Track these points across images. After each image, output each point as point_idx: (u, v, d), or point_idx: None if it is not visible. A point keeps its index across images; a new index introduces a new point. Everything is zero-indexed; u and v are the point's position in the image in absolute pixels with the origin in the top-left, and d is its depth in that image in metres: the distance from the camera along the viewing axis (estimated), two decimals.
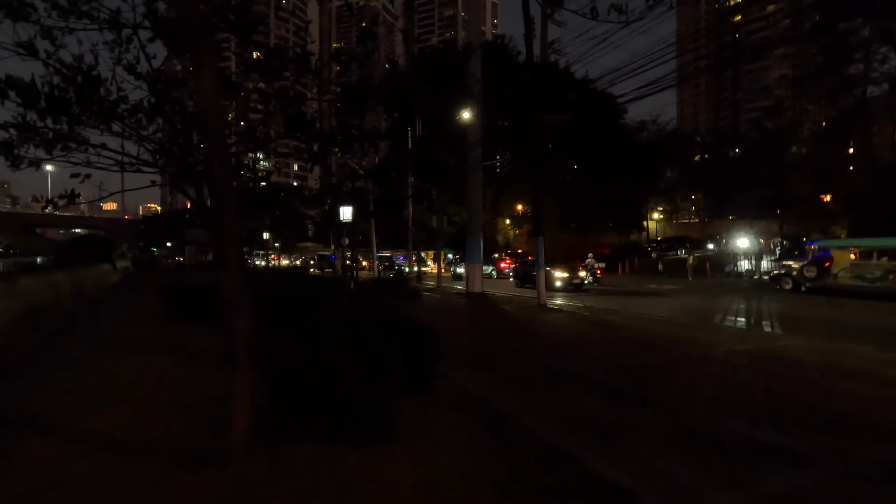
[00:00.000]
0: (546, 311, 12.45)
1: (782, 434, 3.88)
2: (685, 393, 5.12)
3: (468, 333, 9.22)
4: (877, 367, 6.16)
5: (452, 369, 6.11)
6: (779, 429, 4.01)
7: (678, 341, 8.07)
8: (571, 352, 7.41)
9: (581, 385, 5.48)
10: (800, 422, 4.22)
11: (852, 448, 3.66)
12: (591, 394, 5.13)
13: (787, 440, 3.76)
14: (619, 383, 5.47)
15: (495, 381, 5.67)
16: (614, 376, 5.78)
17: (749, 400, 4.86)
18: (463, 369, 6.22)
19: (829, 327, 9.84)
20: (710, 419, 4.27)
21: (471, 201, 18.63)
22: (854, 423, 4.22)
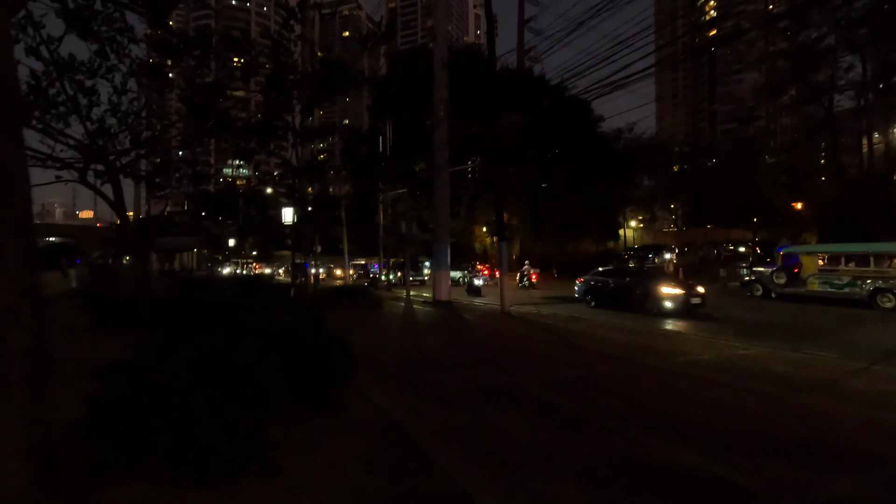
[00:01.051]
0: (506, 318, 11.87)
1: (729, 464, 3.31)
2: (627, 412, 4.53)
3: (412, 344, 8.55)
4: (838, 377, 5.69)
5: (378, 385, 5.47)
6: (726, 457, 3.44)
7: (635, 351, 7.53)
8: (516, 364, 6.80)
9: (514, 403, 4.86)
10: (751, 447, 3.66)
11: (806, 480, 3.10)
12: (521, 413, 4.51)
13: (734, 472, 3.18)
14: (558, 400, 4.87)
15: (419, 399, 5.01)
16: (554, 392, 5.18)
17: (697, 420, 4.29)
18: (389, 385, 5.57)
19: (795, 335, 9.46)
20: (648, 445, 3.68)
21: (438, 205, 18.03)
22: (811, 446, 3.68)
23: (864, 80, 22.82)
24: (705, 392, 5.20)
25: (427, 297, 19.02)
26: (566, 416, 4.40)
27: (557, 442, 3.77)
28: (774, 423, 4.18)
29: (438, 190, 17.85)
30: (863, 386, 5.39)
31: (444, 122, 17.65)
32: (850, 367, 6.27)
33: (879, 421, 4.25)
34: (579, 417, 4.36)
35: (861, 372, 6.01)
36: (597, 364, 6.73)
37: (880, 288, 12.89)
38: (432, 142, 17.99)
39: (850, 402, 4.75)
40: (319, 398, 4.48)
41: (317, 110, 11.35)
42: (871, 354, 7.24)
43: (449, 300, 16.90)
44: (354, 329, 10.37)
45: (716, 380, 5.69)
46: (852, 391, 5.16)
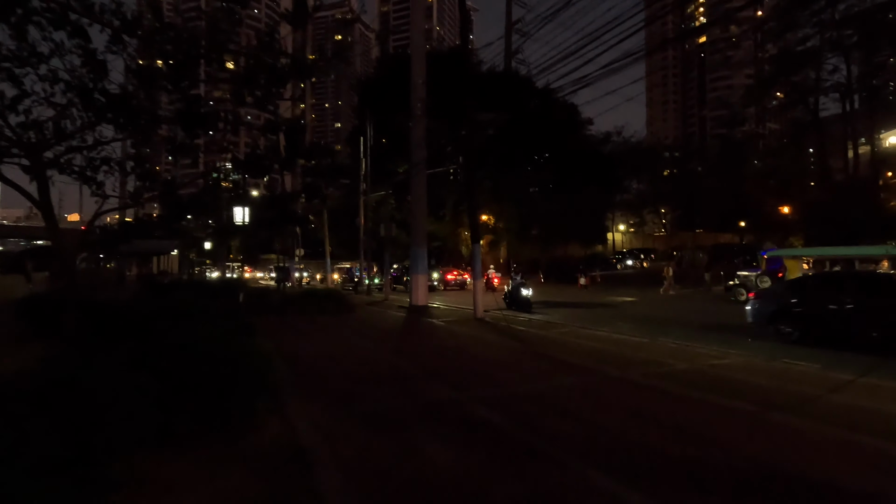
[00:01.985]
0: (477, 325, 11.30)
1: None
2: (576, 437, 3.97)
3: (366, 354, 7.94)
4: (818, 392, 5.15)
5: (307, 402, 4.89)
6: (686, 498, 2.88)
7: (605, 361, 6.98)
8: (471, 376, 6.21)
9: (452, 424, 4.28)
10: (712, 485, 3.10)
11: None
12: (455, 438, 3.93)
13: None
14: (502, 421, 4.29)
15: (346, 419, 4.42)
16: (502, 410, 4.61)
17: (654, 447, 3.72)
18: (320, 402, 4.98)
19: (773, 341, 8.96)
20: (589, 484, 3.10)
21: (415, 207, 17.45)
22: (783, 479, 3.12)
23: (848, 82, 22.63)
24: (670, 410, 4.65)
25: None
26: (504, 442, 3.82)
27: (483, 476, 3.18)
28: (742, 451, 3.63)
29: (415, 191, 17.29)
30: (846, 402, 4.86)
31: (420, 121, 17.12)
32: (833, 380, 5.74)
33: (860, 446, 3.71)
34: (519, 443, 3.78)
35: (846, 386, 5.49)
36: (557, 376, 6.16)
37: None
38: (409, 141, 17.45)
39: (830, 422, 4.21)
40: (221, 420, 3.87)
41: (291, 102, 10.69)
42: (855, 365, 6.75)
43: (426, 305, 16.31)
44: (312, 337, 9.79)
45: (684, 395, 5.14)
46: (834, 409, 4.62)
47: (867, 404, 4.75)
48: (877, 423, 4.19)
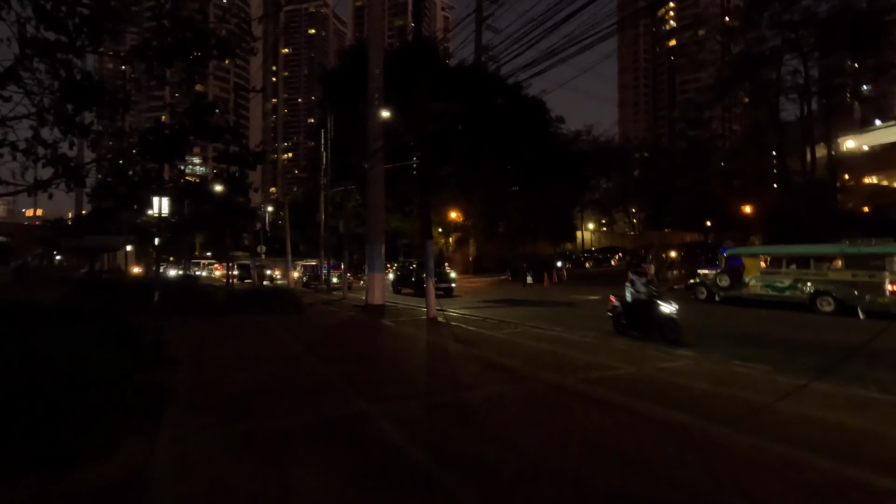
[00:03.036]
0: (428, 325, 10.69)
1: None
2: (490, 460, 3.39)
3: (288, 360, 7.22)
4: (765, 400, 4.73)
5: (191, 418, 4.20)
6: None
7: (548, 365, 6.47)
8: (392, 385, 5.59)
9: (346, 445, 3.65)
10: None
11: None
12: (339, 463, 3.29)
13: None
14: (402, 440, 3.68)
15: (223, 441, 3.73)
16: (414, 426, 4.02)
17: (576, 475, 3.18)
18: (204, 418, 4.28)
19: (729, 342, 8.68)
20: None
21: (371, 203, 16.73)
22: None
23: (806, 84, 22.97)
24: (603, 426, 4.13)
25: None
26: (397, 469, 3.21)
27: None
28: (673, 479, 3.11)
29: (373, 185, 16.56)
30: (792, 411, 4.44)
31: (378, 112, 16.37)
32: (782, 385, 5.36)
33: (800, 466, 3.24)
34: (414, 471, 3.18)
35: (795, 392, 5.10)
36: (492, 384, 5.59)
37: (820, 291, 12.43)
38: (362, 134, 16.71)
39: (773, 436, 3.76)
40: (55, 445, 3.15)
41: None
42: (806, 367, 6.44)
43: (382, 304, 15.64)
44: (241, 339, 8.94)
45: (623, 406, 4.64)
46: (778, 420, 4.19)
47: (814, 413, 4.34)
48: (820, 437, 3.76)
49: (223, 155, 7.09)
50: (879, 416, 4.32)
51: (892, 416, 4.32)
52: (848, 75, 23.25)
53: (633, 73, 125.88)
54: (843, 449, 3.51)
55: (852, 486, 2.98)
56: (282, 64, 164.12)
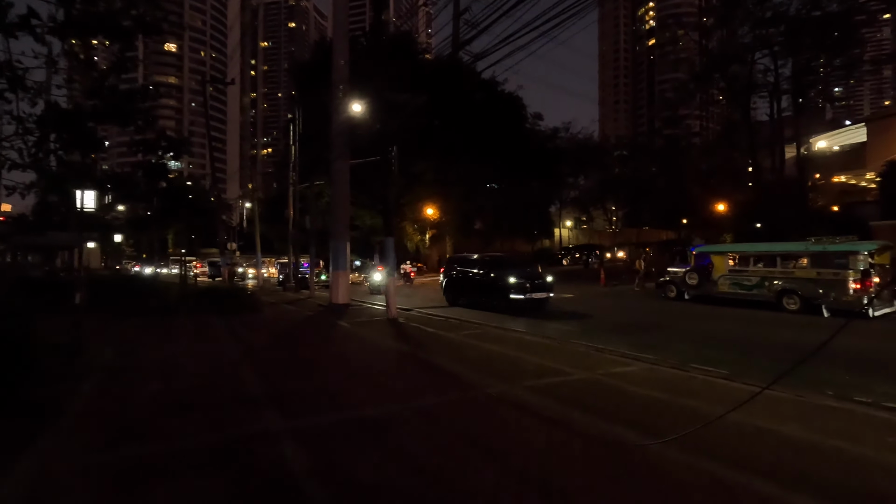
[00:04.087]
0: (385, 327, 10.21)
1: None
2: (388, 490, 2.95)
3: (216, 366, 6.68)
4: (717, 410, 4.37)
5: (69, 439, 3.65)
6: None
7: (495, 370, 6.06)
8: (322, 395, 5.10)
9: (236, 472, 3.16)
10: None
11: None
12: (213, 497, 2.82)
13: None
14: (306, 464, 3.22)
15: (92, 469, 3.22)
16: (320, 447, 3.56)
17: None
18: (87, 438, 3.75)
19: (691, 343, 8.43)
20: None
21: (336, 199, 16.14)
22: None
23: (776, 82, 23.08)
24: (532, 441, 3.72)
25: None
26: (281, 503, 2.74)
27: None
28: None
29: (336, 179, 15.97)
30: (743, 423, 4.10)
31: (343, 105, 15.78)
32: (737, 392, 5.04)
33: (745, 494, 2.87)
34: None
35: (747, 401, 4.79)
36: (426, 393, 5.15)
37: (786, 289, 12.33)
38: (330, 127, 16.10)
39: (714, 454, 3.40)
40: None
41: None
42: (763, 370, 6.18)
43: (347, 304, 15.12)
44: (176, 343, 8.28)
45: (559, 417, 4.25)
46: (724, 434, 3.84)
47: (764, 425, 4.01)
48: (767, 455, 3.41)
49: (138, 143, 6.51)
50: (833, 427, 4.01)
51: (845, 427, 4.01)
52: (816, 74, 23.47)
53: (614, 71, 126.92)
54: (788, 469, 3.16)
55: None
56: (261, 58, 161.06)
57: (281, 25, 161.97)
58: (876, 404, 4.79)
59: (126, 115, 5.53)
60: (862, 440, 3.71)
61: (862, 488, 2.92)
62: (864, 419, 4.24)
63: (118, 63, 6.76)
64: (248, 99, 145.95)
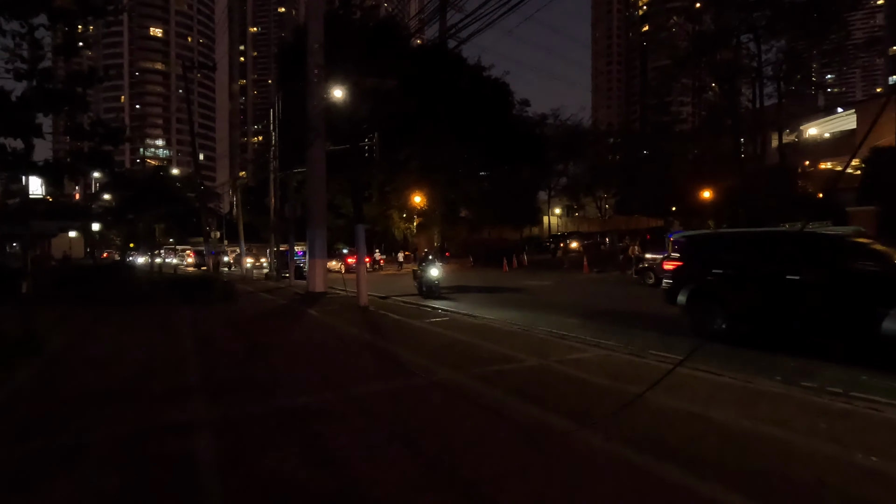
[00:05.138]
0: (354, 315, 10.11)
1: None
2: (292, 484, 2.84)
3: (171, 357, 6.54)
4: (660, 396, 4.31)
5: None
6: None
7: (449, 357, 5.98)
8: (266, 384, 5.00)
9: (133, 463, 3.05)
10: None
11: None
12: (104, 490, 2.70)
13: None
14: (208, 458, 3.11)
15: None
16: (234, 437, 3.45)
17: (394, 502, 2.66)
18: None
19: (656, 329, 8.38)
20: None
21: (312, 184, 15.89)
22: None
23: (759, 67, 22.91)
24: (459, 430, 3.63)
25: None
26: (165, 499, 2.63)
27: None
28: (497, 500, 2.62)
29: (312, 167, 15.71)
30: (680, 409, 4.04)
31: (318, 89, 15.46)
32: (687, 378, 4.99)
33: (647, 479, 2.79)
34: (184, 500, 2.61)
35: (686, 383, 4.74)
36: (370, 381, 5.05)
37: None
38: (306, 112, 15.79)
39: (644, 444, 3.32)
40: None
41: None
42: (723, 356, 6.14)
43: (324, 292, 14.99)
44: (134, 334, 8.13)
45: (496, 405, 4.16)
46: (659, 422, 3.77)
47: (701, 411, 3.94)
48: (693, 441, 3.33)
49: (69, 130, 6.26)
50: (768, 413, 3.93)
51: (781, 413, 3.94)
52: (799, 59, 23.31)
53: (607, 58, 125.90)
54: (709, 456, 3.08)
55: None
56: (251, 44, 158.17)
57: (270, 10, 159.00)
58: (820, 389, 4.75)
59: (56, 100, 5.30)
60: (794, 426, 3.64)
61: (778, 475, 2.85)
62: (801, 404, 4.18)
63: (62, 45, 6.50)
64: (237, 85, 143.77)
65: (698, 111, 53.95)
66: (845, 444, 3.30)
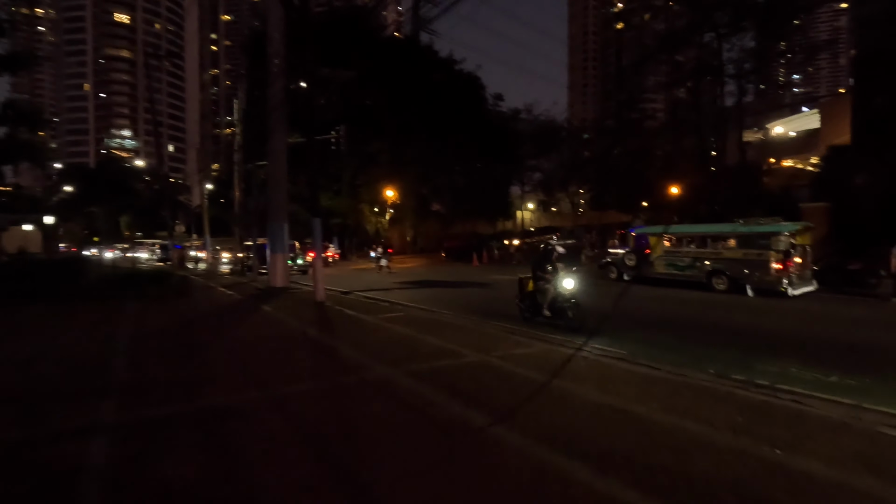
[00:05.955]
0: (307, 310, 9.89)
1: None
2: (174, 488, 2.69)
3: (83, 358, 6.25)
4: (590, 391, 4.30)
5: None
6: None
7: (391, 354, 5.87)
8: (174, 387, 4.80)
9: (14, 471, 2.84)
10: None
11: None
12: None
13: None
14: (102, 462, 2.93)
15: None
16: (124, 445, 3.26)
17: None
18: None
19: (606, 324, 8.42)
20: None
21: (273, 176, 15.48)
22: None
23: (720, 64, 23.38)
24: (376, 430, 3.53)
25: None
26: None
27: None
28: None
29: (274, 157, 15.30)
30: (603, 403, 4.03)
31: (278, 78, 15.05)
32: (624, 373, 5.00)
33: (545, 476, 2.74)
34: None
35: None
36: (300, 379, 4.90)
37: (715, 269, 12.58)
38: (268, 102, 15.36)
39: (555, 439, 3.27)
40: None
41: None
42: (666, 350, 6.21)
43: (285, 286, 14.66)
44: (59, 333, 7.69)
45: (422, 402, 4.08)
46: (577, 417, 3.75)
47: (622, 404, 3.94)
48: (605, 435, 3.30)
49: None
50: (688, 406, 3.96)
51: (702, 406, 3.97)
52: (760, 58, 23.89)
53: (584, 54, 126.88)
54: (618, 450, 3.05)
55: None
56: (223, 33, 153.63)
57: None
58: (748, 382, 4.82)
59: None
60: (711, 419, 3.66)
61: (682, 470, 2.84)
62: (724, 397, 4.22)
63: None
64: (209, 75, 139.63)
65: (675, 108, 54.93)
66: (756, 437, 3.33)
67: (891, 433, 3.41)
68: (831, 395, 4.38)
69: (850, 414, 3.84)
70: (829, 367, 5.62)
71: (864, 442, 3.27)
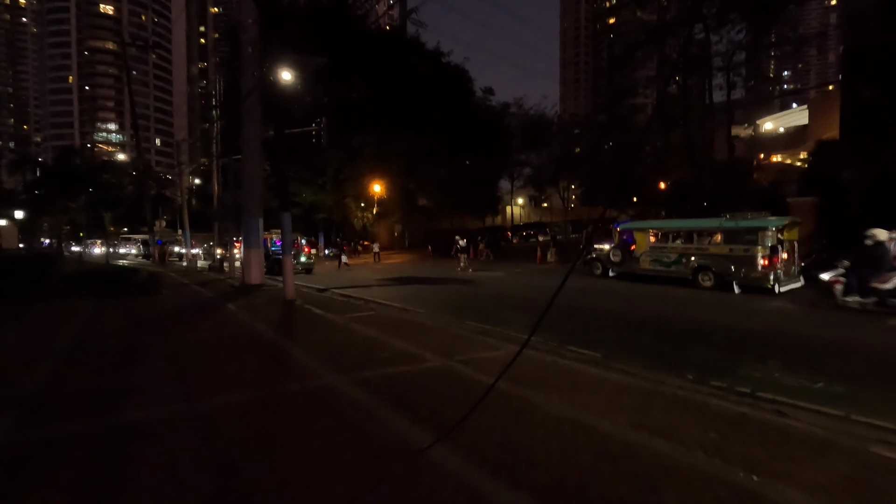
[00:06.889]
0: (275, 309, 9.42)
1: None
2: None
3: (25, 363, 5.75)
4: (553, 402, 3.88)
5: None
6: None
7: (348, 357, 5.43)
8: (109, 395, 4.32)
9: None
10: None
11: None
12: None
13: None
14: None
15: None
16: (22, 463, 2.78)
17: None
18: None
19: (584, 324, 8.06)
20: None
21: (247, 169, 14.88)
22: None
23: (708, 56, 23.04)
24: (298, 450, 3.08)
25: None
26: None
27: None
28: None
29: (248, 148, 14.69)
30: (565, 416, 3.61)
31: (251, 66, 14.45)
32: (588, 377, 4.59)
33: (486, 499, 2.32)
34: None
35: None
36: (239, 388, 4.43)
37: (702, 266, 12.24)
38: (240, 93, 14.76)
39: (495, 462, 2.85)
40: None
41: None
42: (643, 352, 5.83)
43: (260, 284, 14.14)
44: (12, 335, 7.19)
45: (363, 416, 3.64)
46: (534, 435, 3.33)
47: (587, 419, 3.52)
48: (558, 456, 2.88)
49: None
50: (658, 420, 3.56)
51: (673, 420, 3.56)
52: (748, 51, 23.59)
53: (575, 49, 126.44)
54: (568, 475, 2.64)
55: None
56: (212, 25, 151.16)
57: None
58: (728, 389, 4.44)
59: None
60: (683, 436, 3.26)
61: (642, 501, 2.42)
62: (699, 408, 3.82)
63: None
64: (196, 68, 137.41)
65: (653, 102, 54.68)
66: (731, 459, 2.93)
67: (882, 453, 3.03)
68: (817, 405, 4.01)
69: (837, 428, 3.46)
70: (815, 370, 5.26)
71: (853, 464, 2.88)
